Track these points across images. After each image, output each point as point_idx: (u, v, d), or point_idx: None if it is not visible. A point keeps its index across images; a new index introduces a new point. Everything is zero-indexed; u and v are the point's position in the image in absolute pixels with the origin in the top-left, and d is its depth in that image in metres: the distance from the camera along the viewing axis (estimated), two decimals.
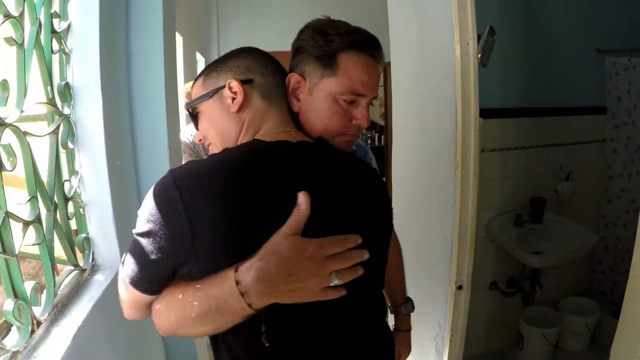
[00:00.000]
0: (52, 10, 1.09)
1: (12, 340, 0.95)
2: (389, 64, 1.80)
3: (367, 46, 0.86)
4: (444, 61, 1.63)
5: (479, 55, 1.58)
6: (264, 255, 0.64)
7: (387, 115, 2.33)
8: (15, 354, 0.91)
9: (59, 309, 1.13)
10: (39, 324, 1.03)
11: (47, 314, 1.06)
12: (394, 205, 2.10)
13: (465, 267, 1.72)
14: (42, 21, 1.04)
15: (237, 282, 0.63)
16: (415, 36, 1.83)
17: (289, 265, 0.63)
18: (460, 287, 1.73)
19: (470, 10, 1.53)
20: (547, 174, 2.31)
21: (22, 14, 0.93)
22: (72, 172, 1.30)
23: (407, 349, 1.31)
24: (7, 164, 0.91)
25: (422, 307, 1.93)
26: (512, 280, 2.33)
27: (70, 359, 0.97)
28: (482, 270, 2.24)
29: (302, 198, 0.65)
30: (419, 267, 1.95)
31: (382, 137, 5.43)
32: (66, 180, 1.25)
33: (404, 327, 1.31)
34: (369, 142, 5.52)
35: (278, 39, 5.25)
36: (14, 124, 0.93)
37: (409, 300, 1.34)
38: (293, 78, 0.87)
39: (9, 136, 0.94)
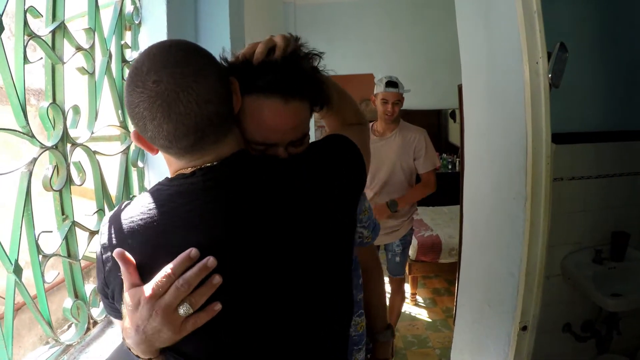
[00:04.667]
0: (123, 42, 1.23)
1: (68, 335, 1.05)
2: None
3: (274, 87, 0.76)
4: (514, 82, 1.56)
5: (550, 75, 1.47)
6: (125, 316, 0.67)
7: (462, 140, 2.24)
8: (68, 347, 1.02)
9: None
10: (95, 323, 1.13)
11: (104, 315, 1.17)
12: (464, 235, 1.98)
13: (531, 307, 1.59)
14: (114, 52, 1.18)
15: (124, 339, 0.69)
16: (484, 57, 1.77)
17: (133, 320, 0.64)
18: (524, 328, 1.60)
19: (538, 26, 1.44)
20: (632, 205, 2.07)
21: (92, 46, 1.06)
22: (142, 188, 1.43)
23: None
24: (76, 179, 1.04)
25: (485, 346, 1.81)
26: (587, 323, 2.09)
27: (117, 358, 1.05)
28: (556, 311, 2.06)
29: (116, 254, 0.64)
30: (485, 303, 1.84)
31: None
32: (135, 196, 1.38)
33: (381, 357, 1.25)
34: (450, 167, 5.28)
35: (356, 63, 5.38)
36: (84, 143, 1.06)
37: (389, 328, 1.26)
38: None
39: (80, 154, 1.07)
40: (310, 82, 0.81)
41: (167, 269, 0.62)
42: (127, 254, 0.64)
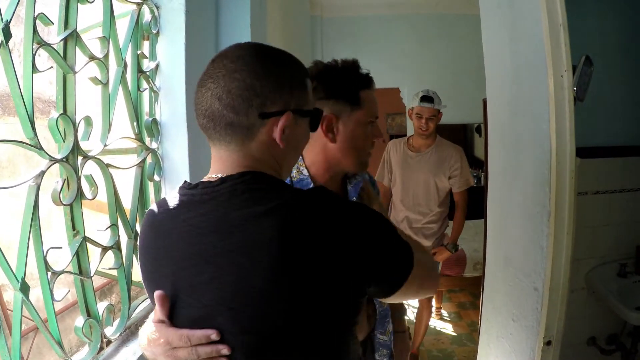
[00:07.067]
0: (139, 51, 1.13)
1: (80, 355, 0.95)
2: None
3: (371, 82, 1.11)
4: (538, 96, 1.46)
5: (574, 89, 1.36)
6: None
7: (486, 154, 2.12)
8: None
9: (132, 331, 1.13)
10: (109, 342, 1.03)
11: (118, 334, 1.07)
12: (488, 249, 1.89)
13: (555, 322, 1.48)
14: (130, 61, 1.08)
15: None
16: (509, 70, 1.68)
17: (150, 346, 0.70)
18: (549, 343, 1.49)
19: (564, 39, 1.35)
20: None
21: (106, 56, 0.97)
22: None
23: (405, 347, 1.44)
24: (88, 193, 0.94)
25: None
26: (612, 336, 1.95)
27: None
28: (581, 324, 1.91)
29: (156, 296, 0.68)
30: (509, 318, 1.72)
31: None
32: None
33: (400, 329, 1.42)
34: (475, 181, 5.06)
35: (382, 76, 5.17)
36: (96, 156, 0.96)
37: (402, 305, 1.48)
38: (327, 117, 1.01)
39: (93, 167, 0.97)
40: None
41: (187, 334, 0.66)
42: (165, 296, 0.68)
